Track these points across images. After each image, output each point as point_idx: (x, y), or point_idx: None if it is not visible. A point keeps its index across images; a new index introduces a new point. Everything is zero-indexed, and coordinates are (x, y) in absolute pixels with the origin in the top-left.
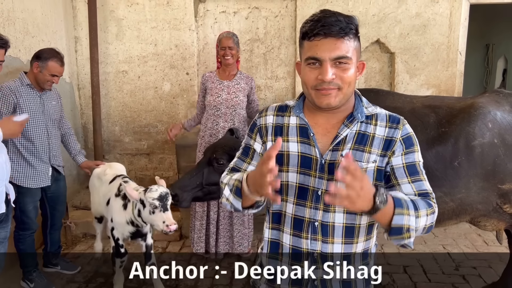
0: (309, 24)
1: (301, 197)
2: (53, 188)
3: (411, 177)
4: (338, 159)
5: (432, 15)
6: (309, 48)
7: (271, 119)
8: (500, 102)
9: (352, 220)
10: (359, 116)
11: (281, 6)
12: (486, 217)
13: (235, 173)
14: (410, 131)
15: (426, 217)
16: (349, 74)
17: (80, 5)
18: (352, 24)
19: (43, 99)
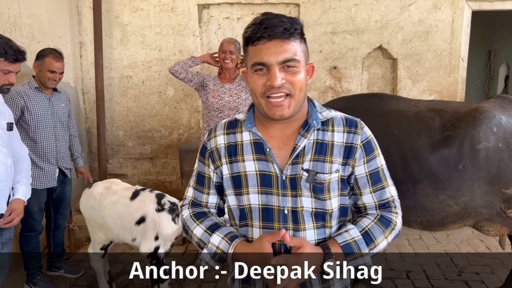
0: (251, 28)
1: (267, 219)
2: (58, 191)
3: (374, 186)
4: (299, 173)
5: (434, 21)
6: (254, 54)
7: (221, 139)
8: (505, 107)
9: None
10: (314, 124)
11: (284, 12)
12: (489, 222)
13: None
14: (369, 135)
15: (386, 239)
16: (299, 78)
17: (85, 11)
18: (297, 25)
19: (52, 102)
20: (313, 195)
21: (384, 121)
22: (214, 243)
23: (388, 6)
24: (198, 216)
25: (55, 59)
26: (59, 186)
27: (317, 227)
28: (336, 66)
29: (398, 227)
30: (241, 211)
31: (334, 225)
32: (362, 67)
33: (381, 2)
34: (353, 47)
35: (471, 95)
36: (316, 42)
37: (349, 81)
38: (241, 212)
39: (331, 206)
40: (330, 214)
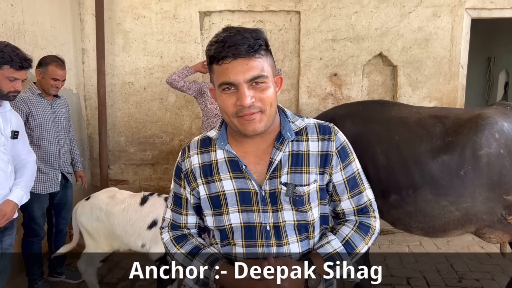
0: (215, 46)
1: (249, 237)
2: (60, 195)
3: (351, 191)
4: (278, 188)
5: (434, 29)
6: (220, 73)
7: (196, 159)
8: (507, 114)
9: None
10: (288, 135)
11: (285, 19)
12: (491, 229)
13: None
14: (343, 140)
15: (366, 245)
16: (269, 94)
17: (87, 18)
18: (261, 39)
19: (54, 107)
20: (294, 208)
21: (386, 128)
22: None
23: (388, 14)
24: (178, 240)
25: (58, 67)
26: (61, 190)
27: (300, 239)
28: (337, 73)
29: (377, 230)
30: (222, 231)
31: (317, 235)
32: (363, 74)
33: (381, 10)
34: (353, 54)
35: (471, 102)
36: (316, 49)
37: (350, 88)
38: (222, 232)
39: (313, 217)
40: (312, 225)
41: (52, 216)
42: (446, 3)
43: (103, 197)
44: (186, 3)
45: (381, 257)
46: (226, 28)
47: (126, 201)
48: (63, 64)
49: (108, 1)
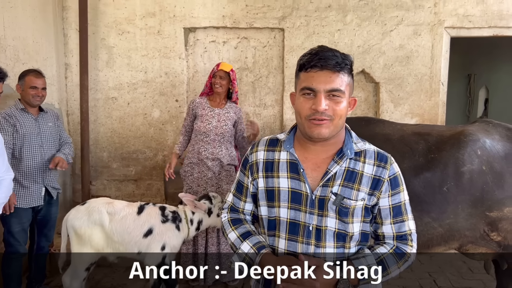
0: (307, 56)
1: (293, 232)
2: (44, 212)
3: (394, 218)
4: (328, 196)
5: (415, 47)
6: (305, 79)
7: (261, 155)
8: (489, 131)
9: (341, 254)
10: (348, 153)
11: (269, 36)
12: (474, 245)
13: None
14: (396, 171)
15: (398, 269)
16: (341, 107)
17: (71, 33)
18: (348, 61)
19: (39, 122)
20: (338, 217)
21: None
22: (243, 250)
23: (370, 31)
24: (234, 222)
25: (35, 75)
26: (44, 207)
27: (337, 246)
28: None
29: (411, 259)
30: (271, 221)
31: (353, 247)
32: None
33: (363, 28)
34: None
35: (452, 118)
36: None
37: None
38: (271, 222)
39: (353, 230)
40: (350, 237)
41: (35, 233)
42: (426, 22)
43: (102, 202)
44: (171, 19)
45: None
46: (321, 45)
47: (125, 210)
48: (39, 73)
49: (92, 16)
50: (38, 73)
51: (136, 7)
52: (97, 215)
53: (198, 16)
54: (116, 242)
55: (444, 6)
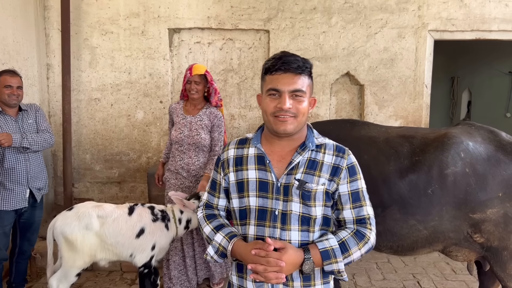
0: (272, 61)
1: (261, 218)
2: (27, 215)
3: (353, 203)
4: (292, 182)
5: (399, 49)
6: (270, 81)
7: (232, 152)
8: (472, 133)
9: (306, 237)
10: (310, 145)
11: (254, 38)
12: (457, 247)
13: (212, 220)
14: (353, 161)
15: (359, 250)
16: (304, 106)
17: (53, 33)
18: (308, 64)
19: (19, 122)
20: (302, 201)
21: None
22: (217, 241)
23: (355, 34)
24: (209, 217)
25: (9, 74)
26: (28, 210)
27: (301, 229)
28: None
29: (371, 242)
30: (242, 211)
31: (317, 231)
32: (331, 93)
33: (348, 30)
34: (321, 73)
35: (436, 120)
36: None
37: (318, 106)
38: (242, 212)
39: (316, 213)
40: (314, 220)
41: (17, 236)
42: (410, 24)
43: (90, 206)
44: (155, 19)
45: (349, 275)
46: (283, 51)
47: (116, 212)
48: (14, 72)
49: (74, 16)
50: (12, 72)
51: (120, 7)
52: (88, 220)
53: (182, 17)
54: (109, 245)
55: (427, 10)
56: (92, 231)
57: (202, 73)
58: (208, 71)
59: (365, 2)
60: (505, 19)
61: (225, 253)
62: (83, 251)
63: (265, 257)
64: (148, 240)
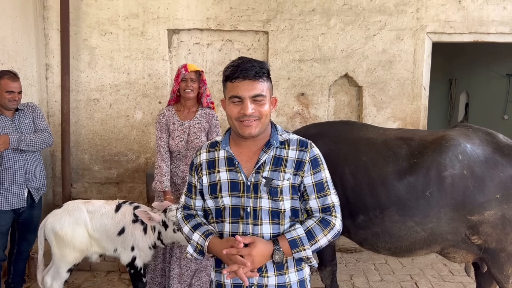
0: (230, 69)
1: (235, 216)
2: (25, 215)
3: (318, 193)
4: (260, 180)
5: (397, 51)
6: (231, 89)
7: (204, 156)
8: (469, 135)
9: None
10: (274, 143)
11: (253, 39)
12: (455, 248)
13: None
14: (316, 153)
15: (325, 236)
16: (265, 108)
17: (52, 33)
18: (264, 69)
19: (15, 122)
20: (270, 197)
21: (353, 148)
22: (194, 239)
23: (353, 36)
24: (187, 217)
25: (11, 79)
26: (27, 210)
27: (272, 223)
28: (304, 93)
29: (337, 227)
30: (217, 210)
31: (287, 223)
32: (329, 94)
33: (346, 32)
34: (320, 75)
35: (434, 122)
36: (284, 69)
37: (316, 107)
38: (217, 211)
39: (284, 207)
40: (283, 213)
41: (15, 236)
42: (408, 27)
43: (79, 201)
44: (154, 20)
45: (347, 276)
46: (241, 57)
47: (104, 207)
48: (15, 76)
49: (74, 17)
50: (14, 76)
51: (119, 8)
52: (78, 214)
53: (182, 18)
54: (97, 240)
55: (426, 12)
56: (82, 225)
57: (198, 69)
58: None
59: (363, 4)
60: (502, 22)
61: (202, 250)
62: (74, 246)
63: (236, 254)
64: (128, 239)
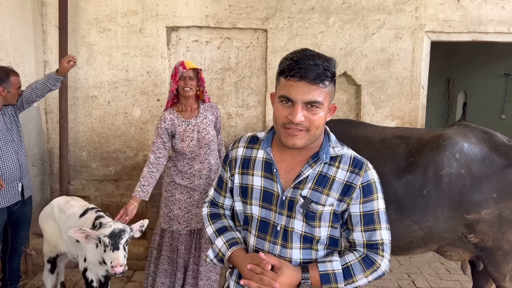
0: (288, 62)
1: (262, 230)
2: (18, 212)
3: (365, 226)
4: (297, 198)
5: (396, 50)
6: (284, 86)
7: (241, 151)
8: (467, 134)
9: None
10: (323, 157)
11: (252, 37)
12: (452, 247)
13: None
14: (371, 178)
15: (366, 278)
16: (318, 118)
17: (50, 30)
18: (329, 71)
19: (5, 116)
20: (305, 220)
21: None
22: (217, 245)
23: (352, 34)
24: (213, 216)
25: (17, 75)
26: (19, 207)
27: (303, 248)
28: None
29: (382, 269)
30: (245, 217)
31: (321, 250)
32: None
33: (345, 31)
34: None
35: (432, 121)
36: None
37: None
38: (245, 217)
39: (320, 234)
40: (317, 240)
41: (8, 233)
42: (407, 25)
43: (60, 199)
44: (153, 17)
45: None
46: (304, 49)
47: (71, 209)
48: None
49: (72, 13)
50: (16, 72)
51: (118, 4)
52: (50, 209)
53: (181, 15)
54: (65, 241)
55: (425, 11)
56: (51, 220)
57: (196, 67)
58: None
59: (362, 3)
60: (501, 21)
61: (222, 258)
62: (46, 238)
63: (260, 274)
64: (83, 248)
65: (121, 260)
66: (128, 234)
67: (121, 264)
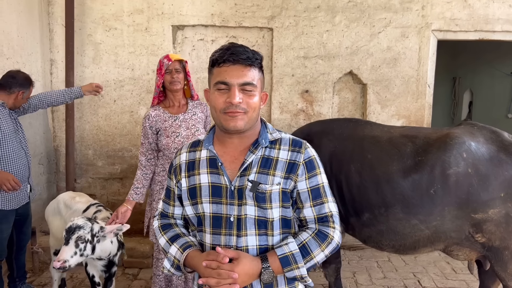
0: (219, 52)
1: (216, 226)
2: (21, 210)
3: (314, 201)
4: (245, 184)
5: (402, 49)
6: (218, 74)
7: (184, 156)
8: (474, 133)
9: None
10: (263, 142)
11: (258, 36)
12: (459, 246)
13: (168, 231)
14: (312, 154)
15: (322, 252)
16: (255, 100)
17: (57, 28)
18: (258, 56)
19: (15, 118)
20: (256, 203)
21: (359, 146)
22: (172, 253)
23: (358, 33)
24: (164, 227)
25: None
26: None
27: (259, 234)
28: (308, 90)
29: (335, 241)
30: (198, 218)
31: (277, 234)
32: (333, 91)
33: (351, 29)
34: (324, 72)
35: (438, 120)
36: (288, 66)
37: (321, 104)
38: (198, 219)
39: (272, 215)
40: (271, 223)
41: (13, 232)
42: (413, 24)
43: (65, 194)
44: (159, 16)
45: (350, 273)
46: (231, 42)
47: (76, 206)
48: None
49: (79, 12)
50: None
51: (124, 3)
52: (56, 204)
53: (186, 14)
54: None
55: (431, 9)
56: (58, 215)
57: (181, 59)
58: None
59: (368, 1)
60: (508, 20)
61: (179, 265)
62: (52, 231)
63: (217, 268)
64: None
65: (63, 255)
66: (86, 231)
67: (60, 259)
